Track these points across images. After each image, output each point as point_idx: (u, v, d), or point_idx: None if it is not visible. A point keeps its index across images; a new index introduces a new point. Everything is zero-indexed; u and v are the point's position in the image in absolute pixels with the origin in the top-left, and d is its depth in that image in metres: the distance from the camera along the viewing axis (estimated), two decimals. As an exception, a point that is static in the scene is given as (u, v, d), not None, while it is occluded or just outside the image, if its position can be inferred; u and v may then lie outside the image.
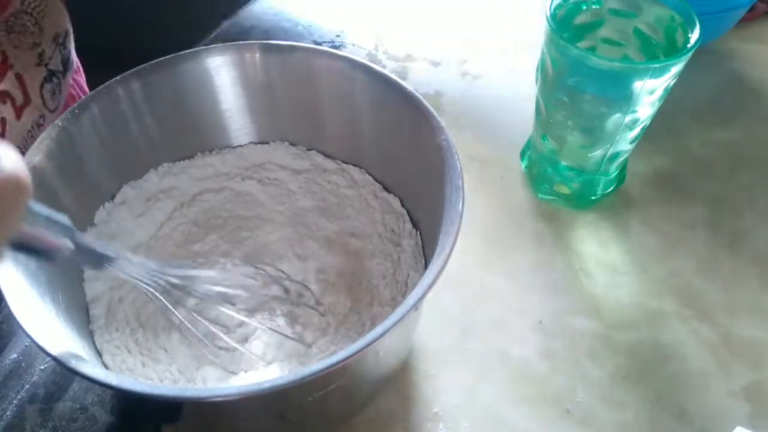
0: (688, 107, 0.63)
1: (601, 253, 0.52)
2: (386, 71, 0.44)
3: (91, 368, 0.30)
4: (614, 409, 0.43)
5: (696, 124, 0.61)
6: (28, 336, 0.31)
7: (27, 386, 0.42)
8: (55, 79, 0.57)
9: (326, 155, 0.51)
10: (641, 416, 0.43)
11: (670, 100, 0.47)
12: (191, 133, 0.49)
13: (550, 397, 0.44)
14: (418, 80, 0.45)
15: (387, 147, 0.47)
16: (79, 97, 0.63)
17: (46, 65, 0.56)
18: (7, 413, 0.41)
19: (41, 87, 0.55)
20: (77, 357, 0.31)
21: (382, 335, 0.30)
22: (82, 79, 0.67)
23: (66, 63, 0.60)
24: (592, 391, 0.44)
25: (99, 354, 0.40)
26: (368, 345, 0.30)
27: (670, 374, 0.45)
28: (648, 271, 0.50)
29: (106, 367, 0.39)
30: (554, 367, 0.45)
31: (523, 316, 0.48)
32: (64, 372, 0.43)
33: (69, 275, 0.41)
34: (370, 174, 0.49)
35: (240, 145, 0.51)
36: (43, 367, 0.44)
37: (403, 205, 0.47)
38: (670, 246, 0.52)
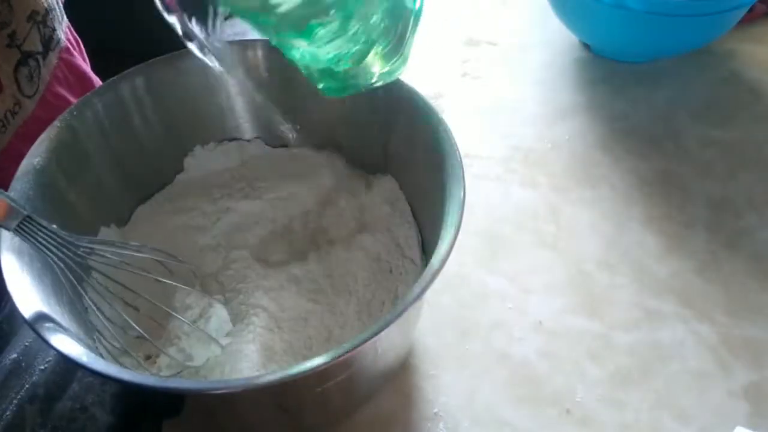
0: (687, 107, 0.62)
1: (601, 253, 0.52)
2: None
3: (105, 364, 0.31)
4: (614, 409, 0.43)
5: (695, 125, 0.61)
6: (37, 334, 0.31)
7: (27, 386, 0.42)
8: (32, 62, 0.53)
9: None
10: (641, 416, 0.43)
11: (670, 100, 0.47)
12: (194, 129, 0.50)
13: (550, 397, 0.44)
14: (418, 80, 0.45)
15: (385, 139, 0.47)
16: (70, 77, 0.59)
17: (18, 47, 0.51)
18: (7, 413, 0.41)
19: (15, 71, 0.51)
20: (87, 354, 0.31)
21: (388, 324, 0.30)
22: (78, 57, 0.61)
23: (48, 43, 0.54)
24: (592, 391, 0.44)
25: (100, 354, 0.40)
26: (374, 335, 0.30)
27: (670, 374, 0.45)
28: (648, 271, 0.50)
29: None
30: (554, 367, 0.45)
31: (523, 316, 0.48)
32: (63, 372, 0.43)
33: (88, 286, 0.41)
34: (371, 165, 0.50)
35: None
36: (43, 367, 0.44)
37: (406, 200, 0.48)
38: (670, 246, 0.52)
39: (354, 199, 0.49)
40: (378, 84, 0.41)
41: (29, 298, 0.34)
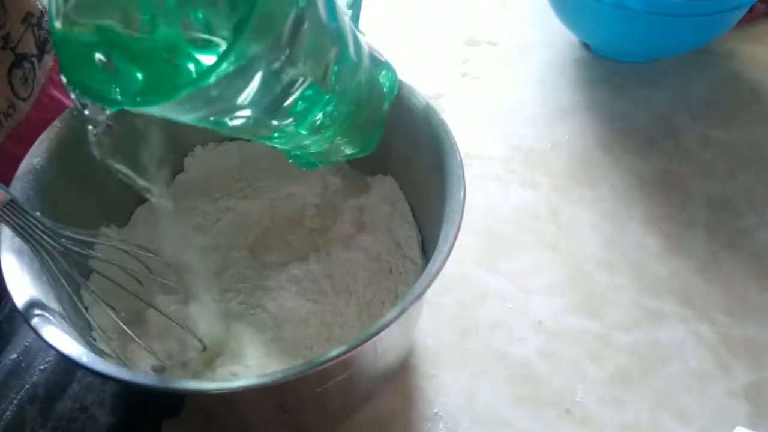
0: (687, 107, 0.62)
1: (601, 253, 0.52)
2: None
3: (105, 364, 0.31)
4: (614, 409, 0.43)
5: (695, 125, 0.61)
6: (37, 334, 0.31)
7: (27, 386, 0.42)
8: (26, 64, 0.52)
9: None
10: (641, 416, 0.43)
11: (670, 100, 0.47)
12: (194, 129, 0.49)
13: (550, 397, 0.44)
14: (418, 80, 0.45)
15: (386, 139, 0.47)
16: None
17: (12, 49, 0.51)
18: (7, 413, 0.41)
19: (8, 73, 0.51)
20: (87, 354, 0.31)
21: (389, 324, 0.30)
22: None
23: (43, 45, 0.54)
24: (592, 391, 0.44)
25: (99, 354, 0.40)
26: (374, 335, 0.30)
27: (670, 374, 0.45)
28: (648, 271, 0.50)
29: None
30: (554, 367, 0.45)
31: (523, 316, 0.48)
32: (63, 372, 0.43)
33: (70, 277, 0.41)
34: (371, 165, 0.50)
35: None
36: (43, 367, 0.43)
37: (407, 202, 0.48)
38: (670, 246, 0.52)
39: (354, 199, 0.49)
40: (349, 158, 0.42)
41: (29, 298, 0.34)
